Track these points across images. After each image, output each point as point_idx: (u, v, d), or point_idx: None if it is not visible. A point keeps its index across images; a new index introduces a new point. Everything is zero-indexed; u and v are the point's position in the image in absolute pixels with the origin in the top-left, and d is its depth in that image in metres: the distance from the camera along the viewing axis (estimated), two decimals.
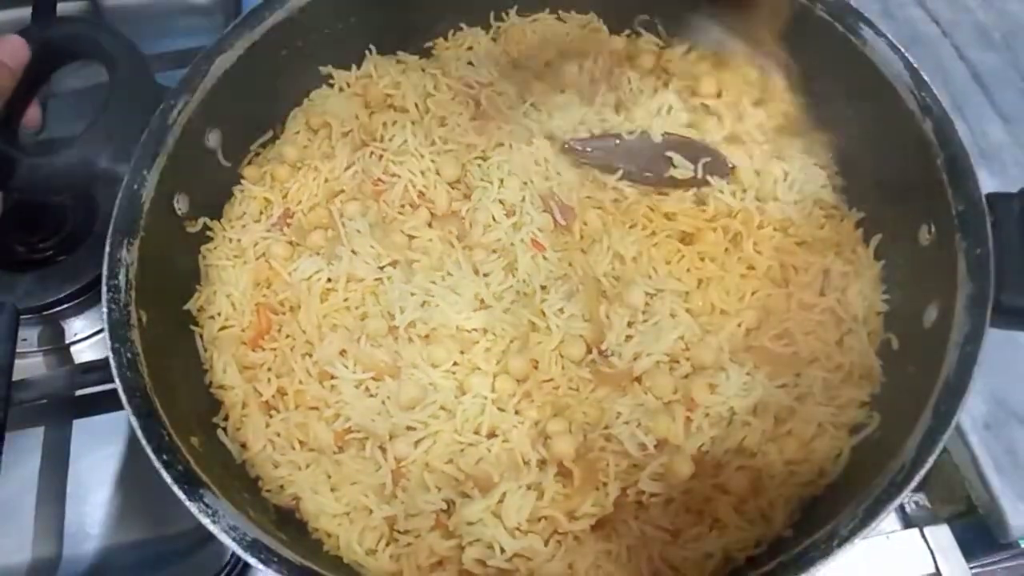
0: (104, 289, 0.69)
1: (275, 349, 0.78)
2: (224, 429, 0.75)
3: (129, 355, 0.67)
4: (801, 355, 0.75)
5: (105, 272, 0.69)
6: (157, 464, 0.62)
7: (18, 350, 0.81)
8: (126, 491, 0.86)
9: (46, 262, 0.95)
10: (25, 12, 1.02)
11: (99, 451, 0.87)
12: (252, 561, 0.60)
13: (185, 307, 0.79)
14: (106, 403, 0.86)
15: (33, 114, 0.80)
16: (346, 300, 0.79)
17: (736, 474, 0.70)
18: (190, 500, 0.61)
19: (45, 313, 0.92)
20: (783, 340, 0.75)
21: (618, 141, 0.84)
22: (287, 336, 0.79)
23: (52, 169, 0.75)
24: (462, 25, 0.94)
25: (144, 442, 0.63)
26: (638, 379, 0.75)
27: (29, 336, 0.92)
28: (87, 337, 0.93)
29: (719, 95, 0.87)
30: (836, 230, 0.81)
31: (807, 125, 0.84)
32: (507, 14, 0.93)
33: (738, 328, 0.76)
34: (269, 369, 0.77)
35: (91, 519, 0.85)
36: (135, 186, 0.73)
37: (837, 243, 0.80)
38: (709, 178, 0.83)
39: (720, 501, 0.69)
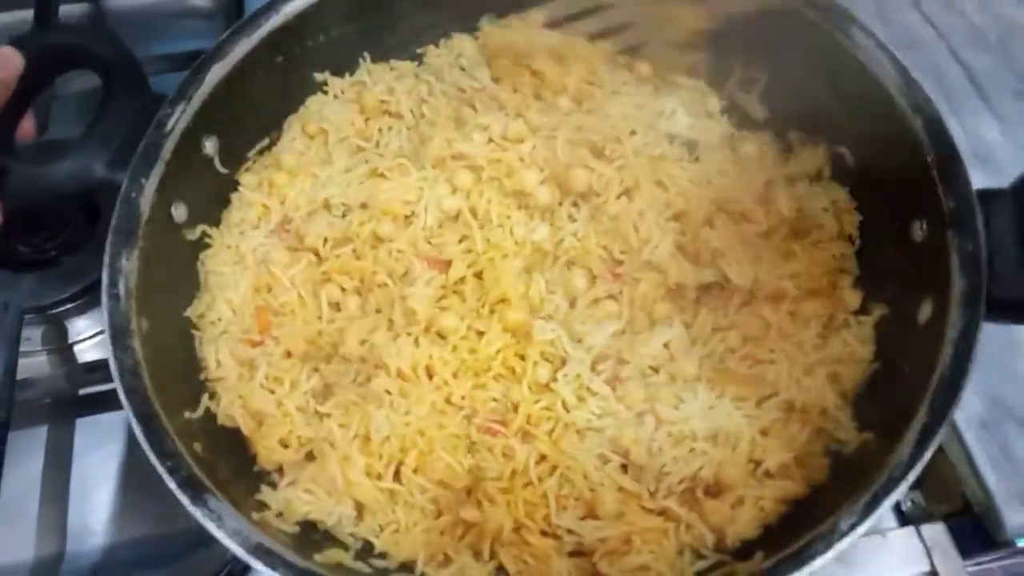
0: (104, 299, 0.69)
1: (276, 338, 0.79)
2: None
3: (130, 362, 0.67)
4: (765, 380, 0.75)
5: (105, 281, 0.70)
6: (160, 469, 0.63)
7: (21, 349, 0.83)
8: (129, 489, 0.86)
9: (49, 262, 0.96)
10: (26, 14, 1.03)
11: (102, 449, 0.88)
12: (257, 565, 0.60)
13: (185, 314, 0.80)
14: (109, 402, 0.85)
15: (27, 125, 0.80)
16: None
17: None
18: (194, 505, 0.62)
19: (48, 313, 0.93)
20: (748, 361, 0.76)
21: None
22: (288, 335, 0.79)
23: (48, 179, 0.76)
24: (452, 33, 0.94)
25: (147, 448, 0.64)
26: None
27: (32, 335, 0.93)
28: (90, 337, 0.94)
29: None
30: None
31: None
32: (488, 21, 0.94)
33: (720, 344, 0.76)
34: (270, 355, 0.78)
35: (94, 517, 0.85)
36: (133, 194, 0.73)
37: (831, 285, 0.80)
38: None
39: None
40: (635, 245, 0.78)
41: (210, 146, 0.82)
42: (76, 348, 0.94)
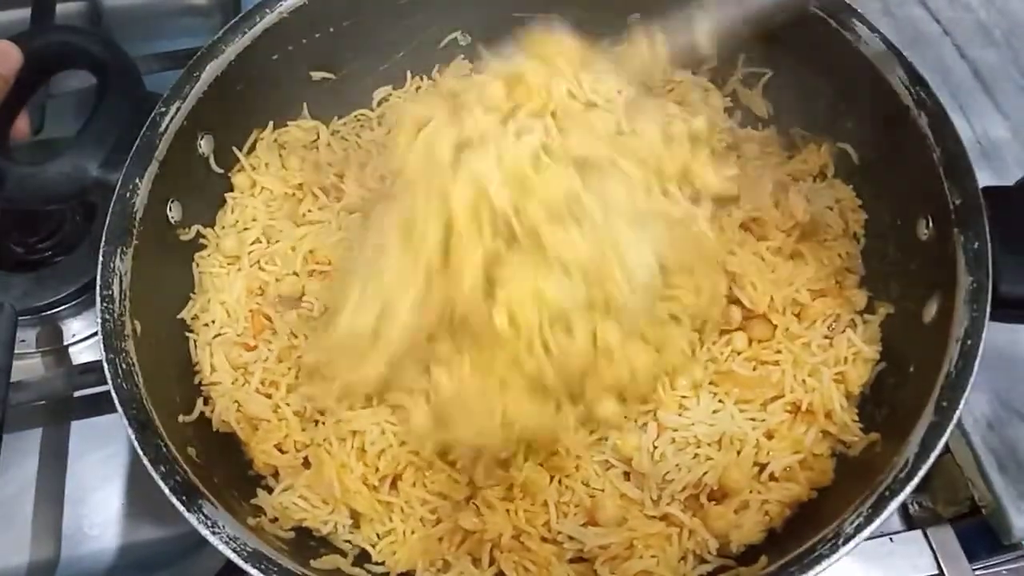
0: (98, 300, 0.68)
1: (270, 342, 0.78)
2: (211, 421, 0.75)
3: (124, 366, 0.66)
4: (770, 382, 0.73)
5: (99, 282, 0.69)
6: (154, 475, 0.62)
7: (16, 351, 0.82)
8: (124, 492, 0.85)
9: (44, 263, 0.95)
10: (24, 13, 1.03)
11: (97, 452, 0.87)
12: (253, 572, 0.59)
13: (179, 316, 0.79)
14: (104, 404, 0.84)
15: (21, 125, 0.79)
16: None
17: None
18: (189, 512, 0.61)
19: (43, 314, 0.93)
20: (752, 363, 0.75)
21: None
22: (286, 336, 0.78)
23: (42, 179, 0.75)
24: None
25: (141, 453, 0.63)
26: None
27: (27, 337, 0.92)
28: (85, 338, 0.93)
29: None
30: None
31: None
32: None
33: (726, 347, 0.75)
34: (265, 360, 0.77)
35: (89, 521, 0.84)
36: (127, 194, 0.72)
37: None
38: None
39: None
40: None
41: (205, 145, 0.81)
42: (71, 350, 0.93)
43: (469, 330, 0.64)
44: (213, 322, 0.79)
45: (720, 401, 0.73)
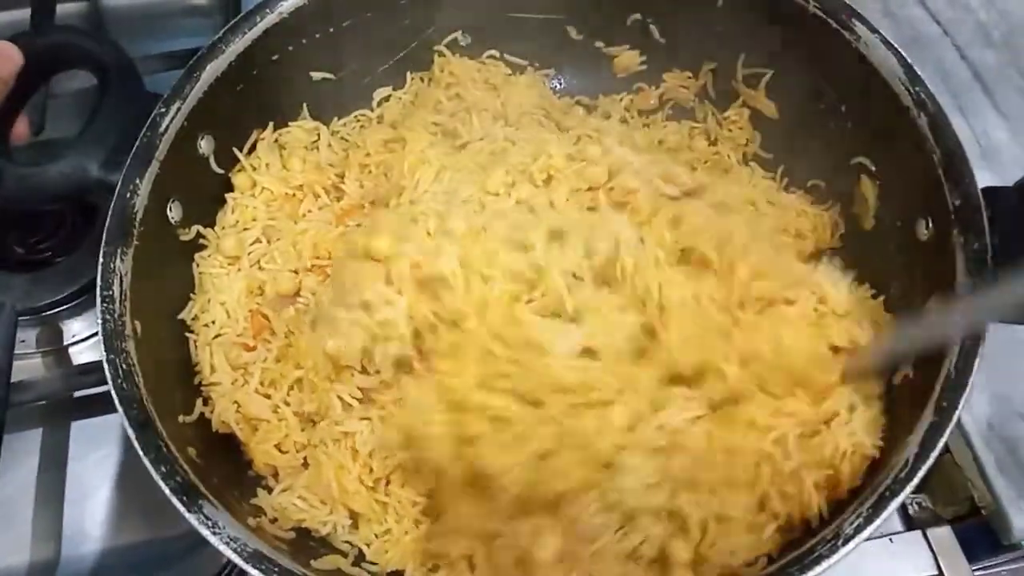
0: (98, 300, 0.68)
1: (269, 342, 0.78)
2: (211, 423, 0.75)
3: (124, 366, 0.66)
4: (730, 461, 0.64)
5: (99, 283, 0.69)
6: (155, 476, 0.62)
7: (16, 351, 0.82)
8: (125, 493, 0.86)
9: (44, 263, 0.95)
10: (24, 14, 1.03)
11: (97, 452, 0.87)
12: (254, 572, 0.59)
13: (179, 316, 0.79)
14: (104, 405, 0.84)
15: (20, 127, 0.79)
16: None
17: None
18: (189, 512, 0.61)
19: (43, 314, 0.92)
20: (710, 435, 0.65)
21: None
22: (284, 334, 0.79)
23: (42, 180, 0.75)
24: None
25: (141, 454, 0.63)
26: None
27: (27, 337, 0.92)
28: (86, 338, 0.93)
29: None
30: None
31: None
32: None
33: (684, 408, 0.66)
34: (264, 360, 0.77)
35: (90, 521, 0.84)
36: (128, 195, 0.72)
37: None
38: None
39: None
40: None
41: (205, 145, 0.81)
42: (71, 350, 0.93)
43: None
44: (213, 322, 0.79)
45: (664, 471, 0.64)
